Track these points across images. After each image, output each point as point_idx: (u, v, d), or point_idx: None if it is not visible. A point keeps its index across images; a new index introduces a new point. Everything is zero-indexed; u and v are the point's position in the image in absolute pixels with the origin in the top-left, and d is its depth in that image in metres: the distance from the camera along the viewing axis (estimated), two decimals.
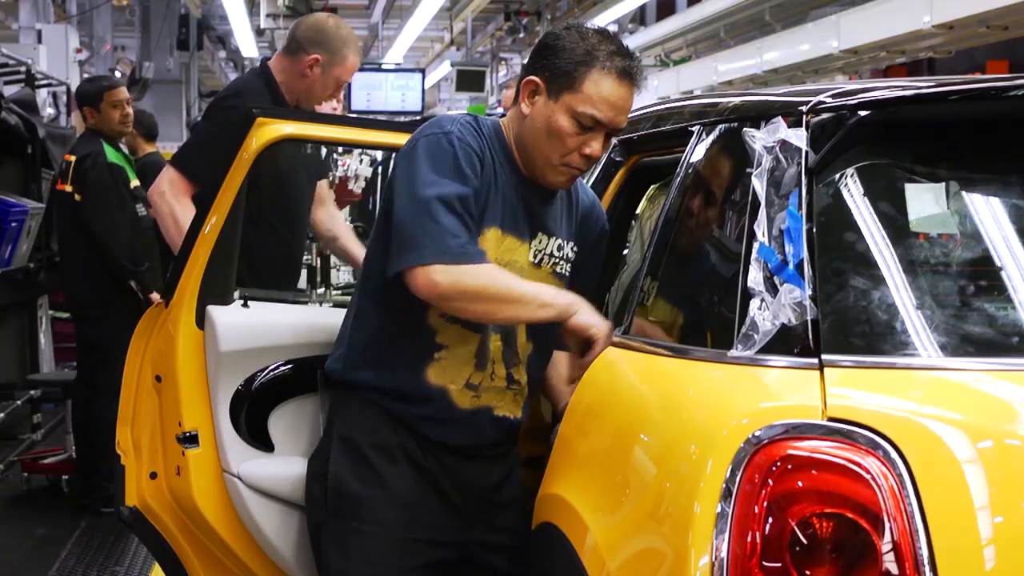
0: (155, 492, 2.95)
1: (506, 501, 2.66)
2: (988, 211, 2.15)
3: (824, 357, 1.92)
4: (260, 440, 2.89)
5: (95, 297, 5.49)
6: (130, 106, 5.74)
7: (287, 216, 3.73)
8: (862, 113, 2.10)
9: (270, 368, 2.90)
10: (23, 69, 7.81)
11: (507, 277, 2.45)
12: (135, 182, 5.62)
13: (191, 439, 2.88)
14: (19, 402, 6.59)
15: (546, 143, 2.47)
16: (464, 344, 2.53)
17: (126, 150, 5.94)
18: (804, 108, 2.15)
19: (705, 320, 2.27)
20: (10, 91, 7.29)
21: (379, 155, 6.88)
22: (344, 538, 2.55)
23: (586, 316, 2.44)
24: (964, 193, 2.18)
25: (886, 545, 1.76)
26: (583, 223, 2.68)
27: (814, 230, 2.02)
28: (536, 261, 2.57)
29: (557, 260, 2.60)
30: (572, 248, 2.64)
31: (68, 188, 5.50)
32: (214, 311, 2.89)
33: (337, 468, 2.57)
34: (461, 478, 2.59)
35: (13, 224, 6.15)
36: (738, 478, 1.82)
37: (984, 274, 2.09)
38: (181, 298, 2.87)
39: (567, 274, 2.63)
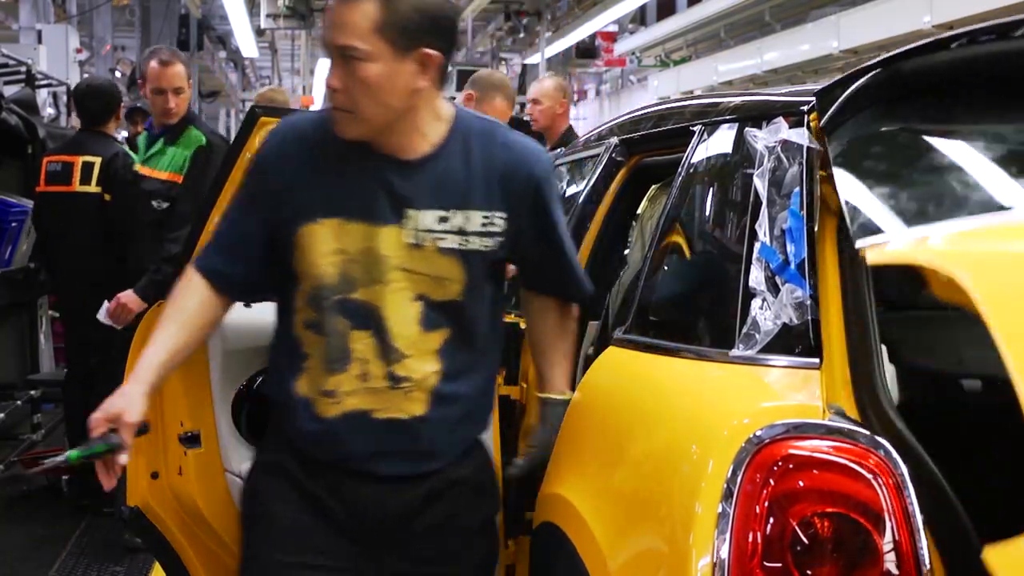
0: (156, 492, 2.95)
1: (423, 529, 2.37)
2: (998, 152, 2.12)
3: None
4: (261, 440, 2.90)
5: (103, 298, 5.46)
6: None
7: None
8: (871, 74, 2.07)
9: None
10: (23, 69, 7.81)
11: (171, 307, 2.35)
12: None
13: (193, 439, 2.88)
14: (19, 402, 6.58)
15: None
16: (319, 349, 2.33)
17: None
18: (806, 108, 2.15)
19: (706, 320, 2.27)
20: (10, 91, 7.29)
21: None
22: (242, 560, 2.45)
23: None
24: (973, 138, 2.14)
25: (887, 545, 1.76)
26: (507, 183, 2.33)
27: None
28: (415, 242, 2.28)
29: (439, 234, 2.28)
30: (485, 219, 2.30)
31: (94, 189, 5.41)
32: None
33: (248, 478, 2.51)
34: (353, 503, 2.35)
35: (13, 224, 6.15)
36: (739, 478, 1.82)
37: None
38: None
39: (464, 248, 2.30)
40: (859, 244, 1.86)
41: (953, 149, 2.11)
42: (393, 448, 2.33)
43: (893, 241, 1.89)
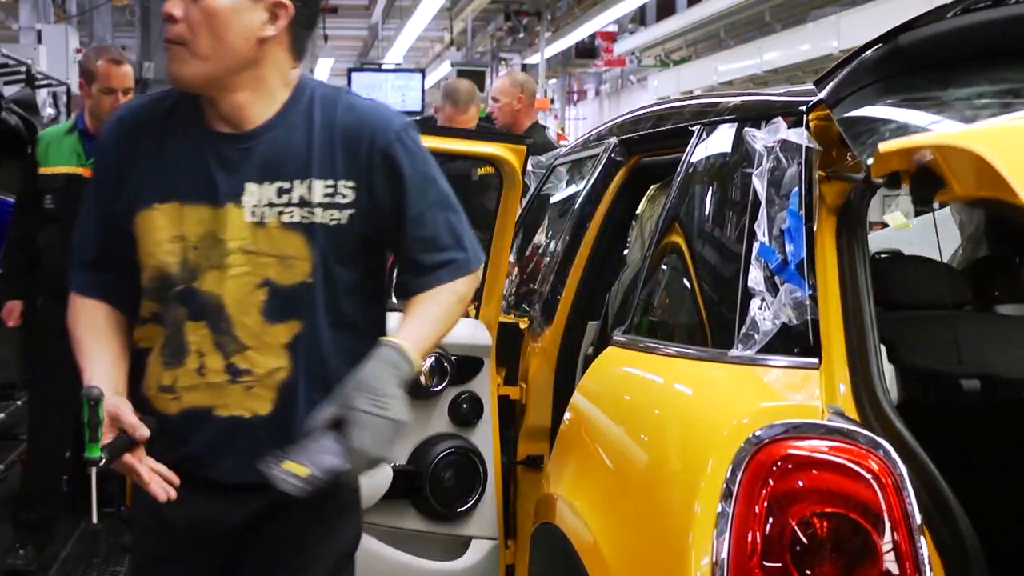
0: None
1: (266, 547, 2.21)
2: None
3: None
4: None
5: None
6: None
7: None
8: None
9: None
10: (23, 69, 7.80)
11: (83, 326, 2.20)
12: None
13: None
14: (19, 402, 6.57)
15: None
16: (155, 343, 2.16)
17: None
18: (804, 108, 2.15)
19: (705, 320, 2.27)
20: (10, 91, 7.28)
21: None
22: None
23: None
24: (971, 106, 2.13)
25: (886, 545, 1.76)
26: (351, 148, 2.13)
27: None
28: (256, 220, 2.09)
29: (281, 207, 2.09)
30: (328, 187, 2.11)
31: None
32: None
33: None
34: (194, 515, 2.17)
35: None
36: (738, 478, 1.82)
37: None
38: None
39: (308, 222, 2.10)
40: (882, 147, 1.79)
41: (952, 115, 2.10)
42: (236, 450, 2.12)
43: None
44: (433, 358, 3.01)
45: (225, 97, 2.10)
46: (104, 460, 2.01)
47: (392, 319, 2.25)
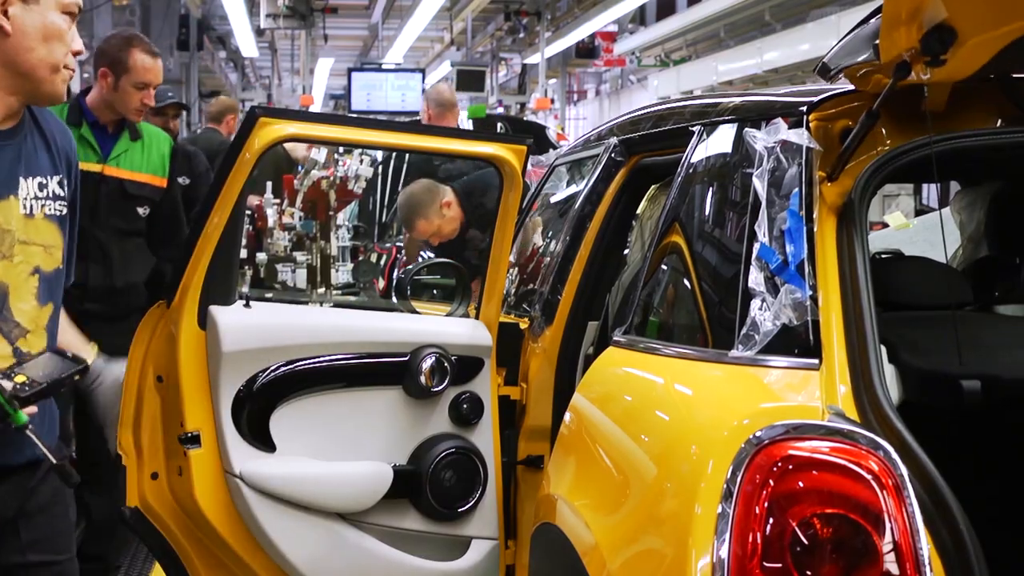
0: (156, 492, 2.96)
1: (33, 510, 2.36)
2: None
3: None
4: (262, 440, 2.90)
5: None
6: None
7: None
8: None
9: (271, 368, 2.91)
10: None
11: None
12: None
13: (193, 439, 2.87)
14: None
15: (48, 49, 2.23)
16: None
17: None
18: (805, 108, 2.15)
19: (706, 320, 2.27)
20: None
21: (379, 155, 6.89)
22: None
23: None
24: None
25: (887, 545, 1.76)
26: (64, 151, 2.38)
27: None
28: (28, 212, 2.28)
29: (44, 201, 2.31)
30: (61, 182, 2.36)
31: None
32: (216, 312, 2.89)
33: None
34: None
35: None
36: (739, 478, 1.82)
37: None
38: (183, 299, 2.87)
39: (61, 213, 2.35)
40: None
41: None
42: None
43: None
44: (433, 358, 3.01)
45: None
46: (27, 419, 2.18)
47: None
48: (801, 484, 1.80)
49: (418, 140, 3.14)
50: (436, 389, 3.03)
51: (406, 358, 2.99)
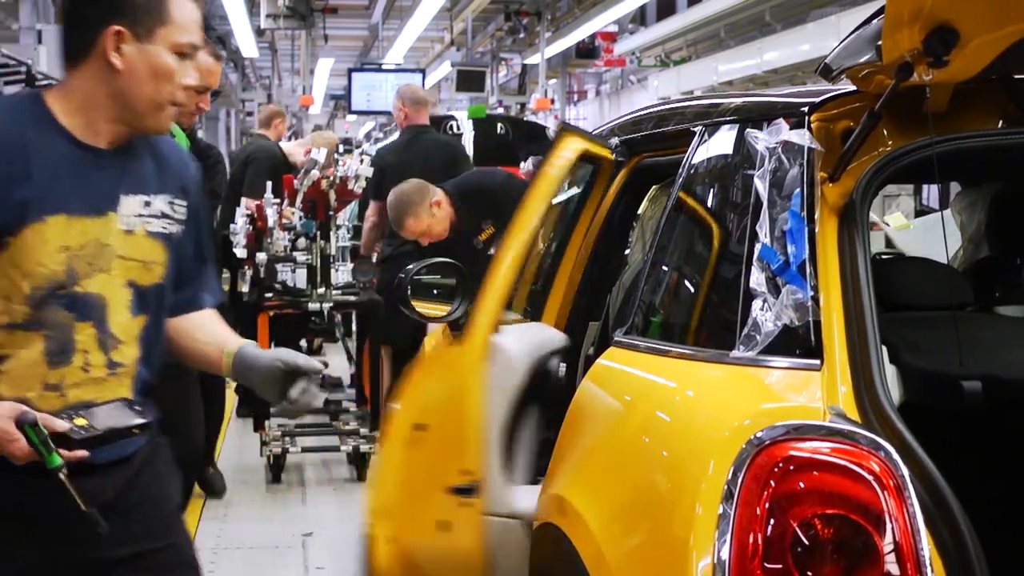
0: (390, 557, 2.72)
1: (128, 507, 2.36)
2: None
3: None
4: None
5: None
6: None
7: None
8: None
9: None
10: (23, 69, 7.80)
11: None
12: None
13: (471, 489, 2.65)
14: None
15: (156, 88, 2.26)
16: (27, 347, 2.28)
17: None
18: (806, 109, 2.15)
19: (707, 321, 2.27)
20: (10, 91, 7.28)
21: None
22: None
23: None
24: None
25: (888, 546, 1.76)
26: (178, 174, 2.45)
27: None
28: (128, 229, 2.33)
29: (147, 218, 2.36)
30: (172, 204, 2.41)
31: None
32: (503, 340, 2.70)
33: None
34: (60, 500, 2.21)
35: None
36: (740, 479, 1.82)
37: None
38: (476, 333, 2.69)
39: (168, 232, 2.39)
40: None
41: None
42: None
43: None
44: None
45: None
46: (63, 462, 2.16)
47: None
48: (802, 485, 1.80)
49: None
50: None
51: None
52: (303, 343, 8.90)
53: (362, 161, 6.35)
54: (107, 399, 2.30)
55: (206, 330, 2.52)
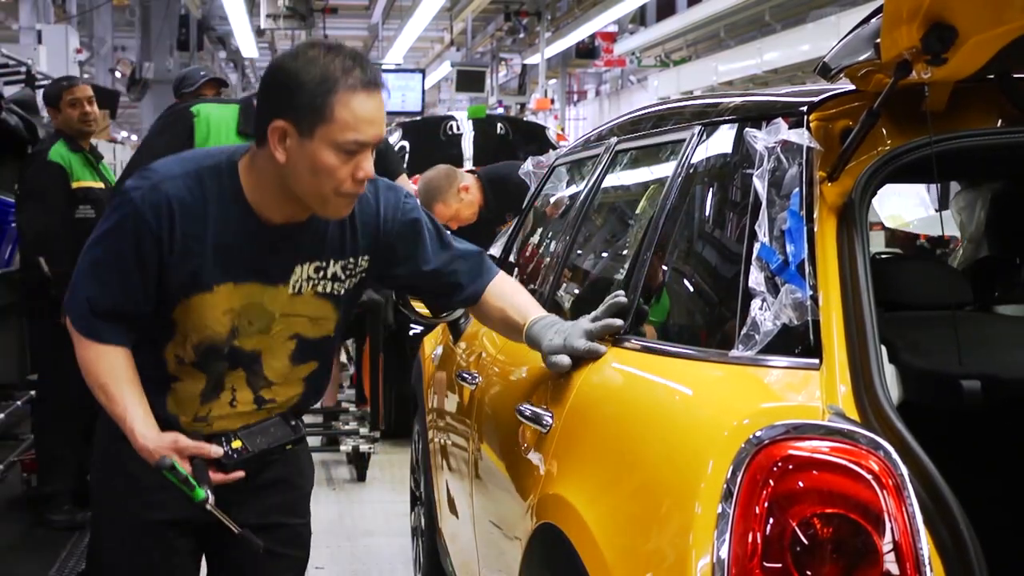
0: None
1: (265, 484, 2.65)
2: None
3: None
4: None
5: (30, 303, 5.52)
6: (92, 105, 5.61)
7: None
8: None
9: None
10: (23, 69, 7.81)
11: (107, 374, 2.42)
12: (85, 182, 5.45)
13: None
14: (18, 402, 6.57)
15: (315, 182, 2.32)
16: (193, 381, 2.51)
17: (91, 149, 5.73)
18: (805, 108, 2.15)
19: (706, 320, 2.27)
20: (10, 91, 7.28)
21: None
22: (98, 527, 2.67)
23: (138, 441, 2.41)
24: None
25: (887, 545, 1.76)
26: (372, 231, 2.54)
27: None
28: (296, 291, 2.49)
29: (316, 280, 2.50)
30: (347, 264, 2.53)
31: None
32: None
33: (97, 466, 2.65)
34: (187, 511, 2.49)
35: (13, 224, 6.14)
36: (739, 478, 1.82)
37: None
38: None
39: (338, 292, 2.54)
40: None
41: None
42: None
43: None
44: None
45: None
46: (209, 493, 2.39)
47: None
48: (801, 484, 1.80)
49: None
50: None
51: None
52: None
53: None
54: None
55: (506, 299, 2.69)
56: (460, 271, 2.66)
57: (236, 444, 2.46)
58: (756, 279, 2.04)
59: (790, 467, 1.81)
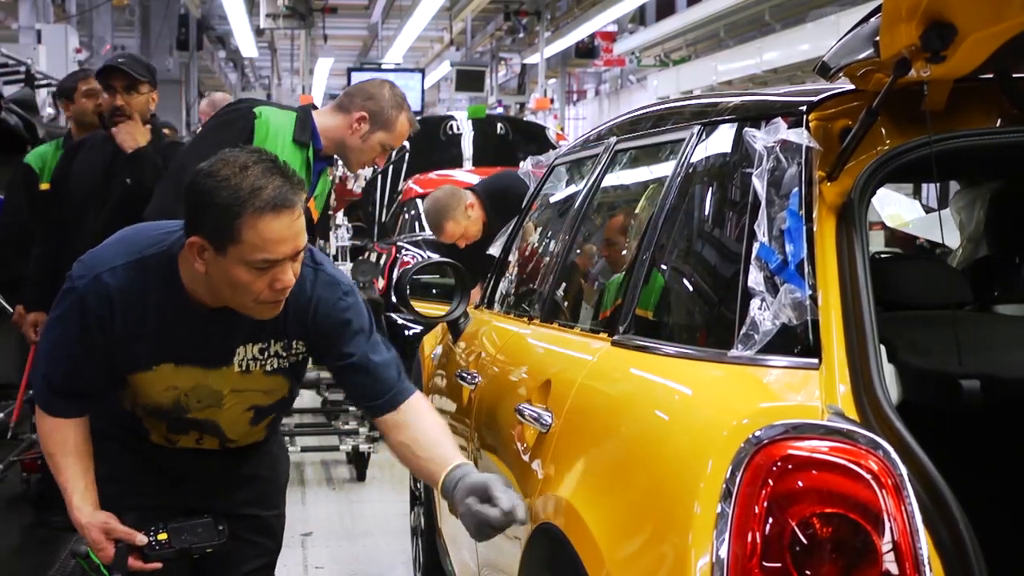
0: None
1: (239, 479, 2.84)
2: None
3: None
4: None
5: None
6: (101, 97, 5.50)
7: None
8: None
9: None
10: (23, 69, 7.80)
11: (57, 445, 2.59)
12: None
13: None
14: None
15: (234, 293, 2.43)
16: (157, 421, 2.71)
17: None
18: (804, 108, 2.14)
19: (705, 320, 2.27)
20: (10, 91, 7.28)
21: None
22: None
23: (73, 513, 2.57)
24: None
25: (886, 545, 1.76)
26: (301, 320, 2.60)
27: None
28: (244, 369, 2.62)
29: (263, 360, 2.62)
30: (287, 344, 2.63)
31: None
32: None
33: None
34: (183, 465, 2.77)
35: None
36: (738, 478, 1.82)
37: None
38: None
39: (286, 366, 2.65)
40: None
41: None
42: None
43: None
44: None
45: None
46: None
47: None
48: (800, 484, 1.80)
49: None
50: None
51: None
52: None
53: None
54: (213, 444, 2.75)
55: (423, 445, 2.61)
56: (380, 378, 2.65)
57: (162, 536, 2.59)
58: (755, 279, 2.03)
59: (789, 467, 1.81)
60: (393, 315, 6.98)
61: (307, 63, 17.80)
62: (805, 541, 1.77)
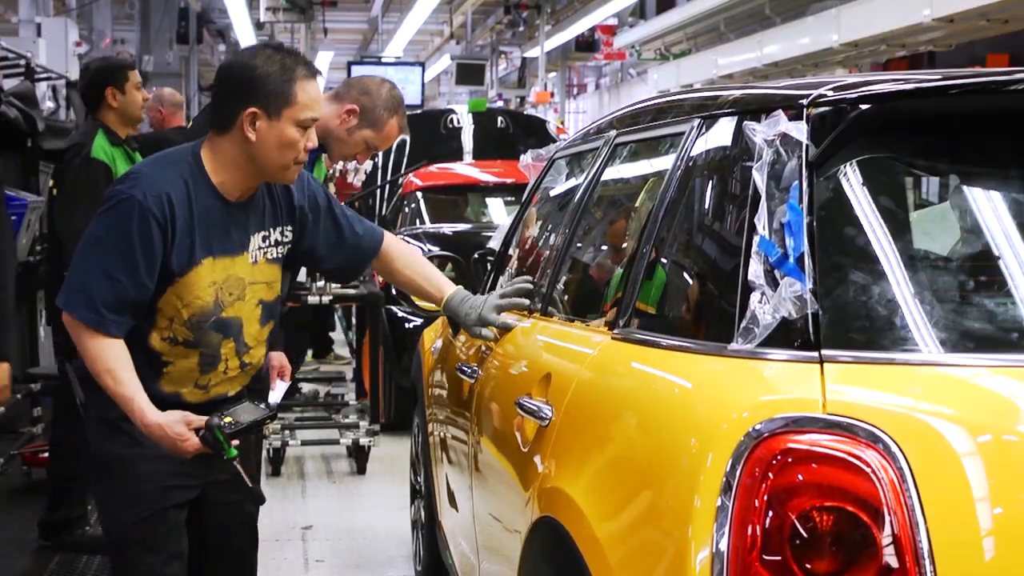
0: None
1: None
2: (988, 206, 2.15)
3: (824, 352, 1.93)
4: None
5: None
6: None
7: None
8: (863, 107, 2.10)
9: None
10: (22, 63, 7.80)
11: (113, 360, 2.76)
12: None
13: None
14: (19, 396, 6.57)
15: (280, 155, 2.82)
16: (186, 359, 2.91)
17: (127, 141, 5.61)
18: (805, 101, 2.14)
19: (705, 313, 2.27)
20: (10, 84, 7.28)
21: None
22: (110, 494, 2.97)
23: (147, 417, 2.76)
24: (964, 188, 2.18)
25: (886, 538, 1.76)
26: (288, 203, 3.02)
27: (814, 224, 2.02)
28: (253, 261, 2.94)
29: (266, 249, 2.97)
30: (282, 231, 3.01)
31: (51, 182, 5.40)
32: None
33: (96, 441, 2.94)
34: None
35: (13, 218, 6.13)
36: (738, 471, 1.82)
37: (984, 270, 2.09)
38: None
39: (280, 255, 3.02)
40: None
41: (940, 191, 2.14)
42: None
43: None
44: None
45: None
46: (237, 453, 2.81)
47: None
48: (800, 477, 1.80)
49: None
50: None
51: None
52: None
53: None
54: (235, 389, 3.00)
55: (415, 268, 3.35)
56: (359, 232, 3.20)
57: (228, 420, 2.79)
58: (755, 272, 2.03)
59: (789, 460, 1.81)
60: (393, 308, 6.98)
61: (307, 56, 17.78)
62: (805, 534, 1.78)
